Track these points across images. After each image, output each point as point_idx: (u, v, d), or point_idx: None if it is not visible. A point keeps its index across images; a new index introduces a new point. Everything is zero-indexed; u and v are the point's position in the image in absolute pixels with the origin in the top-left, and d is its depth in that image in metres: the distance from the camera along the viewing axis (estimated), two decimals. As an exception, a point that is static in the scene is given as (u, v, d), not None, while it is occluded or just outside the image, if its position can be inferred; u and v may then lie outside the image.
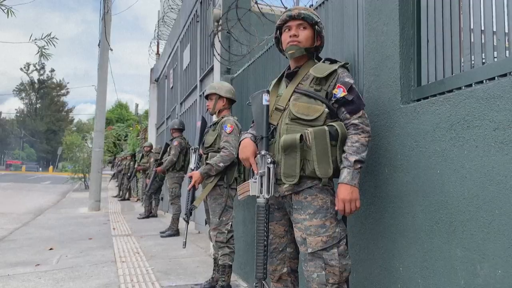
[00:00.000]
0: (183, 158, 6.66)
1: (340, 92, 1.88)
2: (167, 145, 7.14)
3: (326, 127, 1.85)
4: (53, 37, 3.64)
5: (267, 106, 2.00)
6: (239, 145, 2.13)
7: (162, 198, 9.54)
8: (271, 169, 1.90)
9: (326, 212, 1.88)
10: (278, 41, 2.18)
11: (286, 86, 2.06)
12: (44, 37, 3.62)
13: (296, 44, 2.01)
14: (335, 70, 1.93)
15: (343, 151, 1.86)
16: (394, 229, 1.89)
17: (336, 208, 1.86)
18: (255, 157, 1.99)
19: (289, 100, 1.98)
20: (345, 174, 1.81)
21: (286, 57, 2.12)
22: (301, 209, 1.90)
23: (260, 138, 1.98)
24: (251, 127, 2.25)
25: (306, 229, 1.87)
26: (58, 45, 3.78)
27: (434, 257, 1.66)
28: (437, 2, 1.82)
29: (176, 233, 6.54)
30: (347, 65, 2.02)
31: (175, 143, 6.57)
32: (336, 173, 1.87)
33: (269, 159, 1.91)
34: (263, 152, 1.93)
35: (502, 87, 1.39)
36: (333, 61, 2.02)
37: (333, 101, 1.91)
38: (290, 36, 2.02)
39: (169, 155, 6.67)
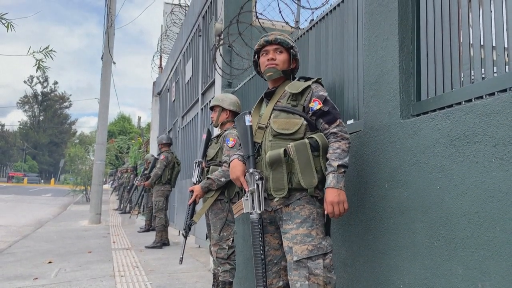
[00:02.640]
0: (170, 172, 6.94)
1: (316, 105, 2.00)
2: (155, 159, 7.35)
3: (306, 140, 1.95)
4: (50, 50, 3.66)
5: (250, 126, 2.12)
6: (228, 166, 2.24)
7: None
8: (260, 185, 2.00)
9: (313, 222, 1.94)
10: (256, 64, 2.32)
11: (266, 105, 2.18)
12: (42, 50, 3.64)
13: (273, 67, 2.16)
14: (309, 86, 2.05)
15: (327, 159, 1.94)
16: (394, 245, 1.87)
17: (325, 211, 1.92)
18: (245, 175, 2.08)
19: (269, 118, 2.08)
20: (330, 178, 1.89)
21: (264, 79, 2.23)
22: (289, 219, 1.97)
23: (247, 157, 2.08)
24: (238, 149, 2.33)
25: (293, 237, 1.93)
26: (61, 58, 3.89)
27: (434, 275, 1.63)
28: (436, 17, 1.82)
29: (159, 245, 6.68)
30: (320, 80, 2.13)
31: (162, 157, 6.89)
32: (324, 182, 1.94)
33: (257, 176, 2.01)
34: (251, 170, 2.03)
35: (502, 102, 1.38)
36: (307, 79, 2.15)
37: (311, 114, 2.01)
38: (268, 59, 2.17)
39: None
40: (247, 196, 2.02)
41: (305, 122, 2.00)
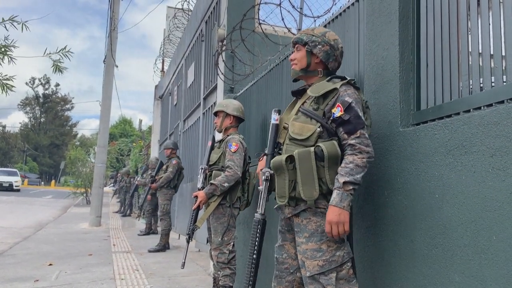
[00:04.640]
0: (177, 176, 6.96)
1: (337, 112, 1.83)
2: (161, 163, 7.37)
3: (312, 148, 1.82)
4: (67, 51, 3.72)
5: (275, 124, 2.09)
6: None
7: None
8: (264, 186, 2.00)
9: (321, 235, 1.84)
10: None
11: None
12: (59, 51, 3.70)
13: (292, 68, 2.09)
14: (335, 89, 1.88)
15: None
16: (392, 252, 1.89)
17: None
18: None
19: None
20: (334, 195, 1.78)
21: None
22: (299, 232, 1.91)
23: (265, 155, 2.07)
24: None
25: (304, 252, 1.87)
26: (64, 60, 3.87)
27: (432, 282, 1.65)
28: (436, 28, 1.85)
29: (163, 248, 6.69)
30: (353, 81, 1.94)
31: (174, 161, 6.91)
32: (329, 195, 1.84)
33: (263, 177, 1.99)
34: (263, 170, 2.01)
35: (499, 114, 1.41)
36: (343, 78, 1.96)
37: (331, 121, 1.86)
38: (290, 60, 2.11)
39: (164, 172, 6.93)
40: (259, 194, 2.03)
41: (319, 129, 1.86)
